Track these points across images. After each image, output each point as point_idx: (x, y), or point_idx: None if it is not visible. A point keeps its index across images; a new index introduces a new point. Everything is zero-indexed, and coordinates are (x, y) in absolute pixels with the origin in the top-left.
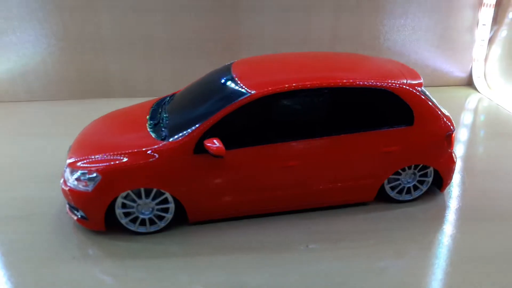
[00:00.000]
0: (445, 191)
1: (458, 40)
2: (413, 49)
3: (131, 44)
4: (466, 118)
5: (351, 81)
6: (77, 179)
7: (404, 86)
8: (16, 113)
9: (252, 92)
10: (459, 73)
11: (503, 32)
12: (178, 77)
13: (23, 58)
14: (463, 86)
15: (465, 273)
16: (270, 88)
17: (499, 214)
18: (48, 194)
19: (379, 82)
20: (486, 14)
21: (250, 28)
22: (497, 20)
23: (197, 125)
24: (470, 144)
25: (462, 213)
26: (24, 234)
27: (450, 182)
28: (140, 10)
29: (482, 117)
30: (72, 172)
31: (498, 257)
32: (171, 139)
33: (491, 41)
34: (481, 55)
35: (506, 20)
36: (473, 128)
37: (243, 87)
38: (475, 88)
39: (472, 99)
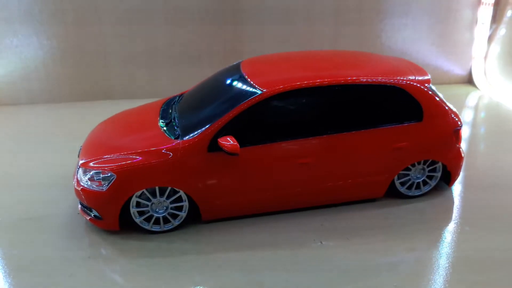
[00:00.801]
0: (453, 186)
1: (458, 39)
2: (414, 48)
3: (132, 46)
4: (467, 115)
5: (361, 78)
6: (91, 179)
7: (413, 83)
8: (18, 116)
9: (264, 90)
10: (459, 71)
11: (502, 30)
12: (179, 79)
13: (24, 60)
14: (463, 84)
15: (473, 265)
16: (281, 86)
17: (504, 208)
18: (58, 195)
19: (389, 79)
20: (485, 12)
21: (252, 31)
22: (496, 18)
23: (210, 124)
24: (472, 140)
25: (469, 207)
26: (36, 236)
27: (458, 177)
28: (141, 12)
29: (482, 114)
30: (85, 172)
31: (505, 248)
32: (184, 138)
33: (490, 39)
34: (481, 53)
35: (505, 19)
36: (474, 125)
37: (255, 85)
38: (475, 86)
39: (472, 97)
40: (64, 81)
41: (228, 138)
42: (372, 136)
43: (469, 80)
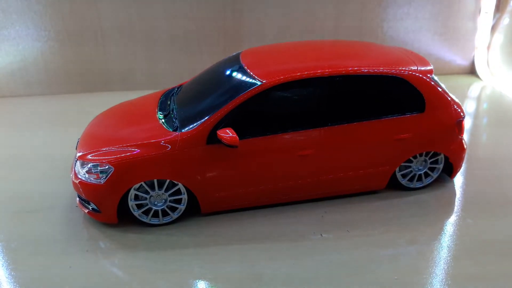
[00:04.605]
0: (455, 177)
1: (461, 28)
2: (416, 38)
3: (131, 37)
4: (470, 106)
5: (362, 68)
6: (88, 172)
7: (415, 73)
8: (16, 108)
9: (264, 81)
10: (462, 61)
11: (505, 20)
12: (179, 69)
13: (22, 52)
14: (466, 74)
15: (475, 258)
16: (281, 77)
17: (506, 199)
18: (56, 188)
19: (391, 69)
20: (489, 1)
21: (251, 18)
22: (499, 7)
23: (209, 116)
24: (475, 131)
25: (471, 199)
26: (35, 229)
27: (460, 169)
28: (140, 1)
29: (485, 105)
30: (82, 165)
31: (508, 241)
32: (183, 130)
33: (493, 28)
34: (484, 43)
35: (508, 8)
36: (476, 116)
37: (254, 76)
38: (478, 76)
39: (475, 87)
40: (62, 72)
41: (227, 130)
42: (373, 127)
43: (471, 71)
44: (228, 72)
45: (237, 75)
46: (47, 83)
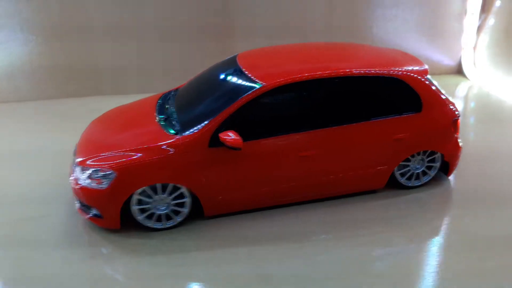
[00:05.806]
0: (451, 175)
1: (448, 29)
2: (405, 39)
3: (122, 41)
4: (458, 105)
5: (361, 70)
6: (90, 177)
7: (412, 74)
8: (4, 114)
9: (264, 83)
10: (449, 61)
11: (490, 20)
12: (170, 73)
13: (9, 57)
14: (453, 74)
15: (473, 254)
16: (281, 79)
17: (502, 195)
18: (54, 195)
19: (389, 70)
20: (474, 3)
21: (242, 21)
22: (485, 8)
23: (211, 119)
24: (463, 130)
25: (468, 196)
26: (35, 235)
27: (456, 167)
28: (130, 3)
29: (473, 104)
30: (83, 171)
31: (506, 236)
32: (185, 133)
33: (479, 29)
34: (470, 44)
35: (494, 9)
36: (465, 114)
37: (254, 79)
38: (465, 76)
39: (462, 87)
40: (51, 77)
41: (229, 133)
42: (373, 127)
43: (458, 71)
44: (226, 75)
45: (237, 78)
46: (36, 88)
